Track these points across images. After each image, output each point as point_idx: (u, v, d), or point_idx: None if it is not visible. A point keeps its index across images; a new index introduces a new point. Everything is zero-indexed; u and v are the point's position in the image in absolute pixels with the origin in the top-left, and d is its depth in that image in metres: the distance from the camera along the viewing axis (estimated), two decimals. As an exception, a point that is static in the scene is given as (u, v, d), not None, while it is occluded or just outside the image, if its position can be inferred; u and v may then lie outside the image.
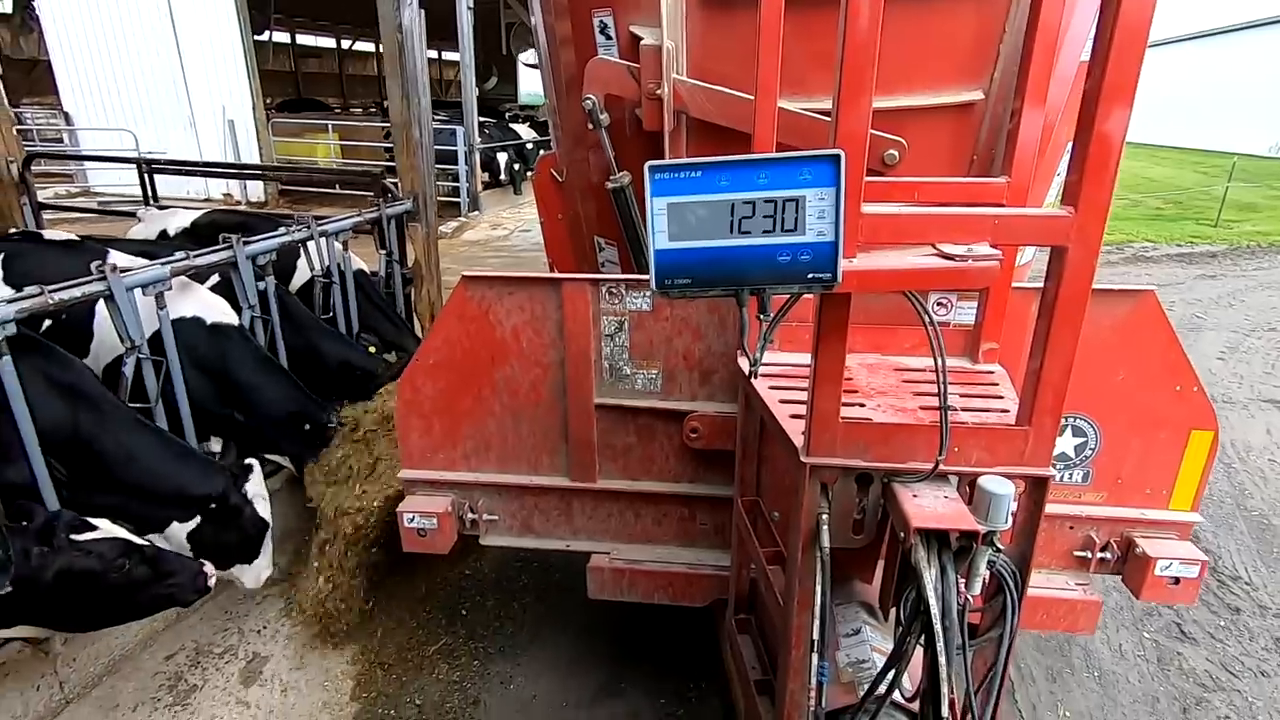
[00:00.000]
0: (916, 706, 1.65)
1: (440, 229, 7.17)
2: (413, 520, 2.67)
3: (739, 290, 1.38)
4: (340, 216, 4.79)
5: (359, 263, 4.99)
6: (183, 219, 5.66)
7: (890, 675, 1.58)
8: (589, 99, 2.81)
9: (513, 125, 18.16)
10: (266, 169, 13.31)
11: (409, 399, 2.66)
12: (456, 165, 13.23)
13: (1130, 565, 2.33)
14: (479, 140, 13.99)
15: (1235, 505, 4.68)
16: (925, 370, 2.23)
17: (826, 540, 1.69)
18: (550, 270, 4.19)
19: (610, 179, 2.94)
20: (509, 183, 15.95)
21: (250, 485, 3.11)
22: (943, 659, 1.46)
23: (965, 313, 2.43)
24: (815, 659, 1.71)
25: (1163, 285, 9.63)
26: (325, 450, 3.69)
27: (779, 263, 1.33)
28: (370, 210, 5.05)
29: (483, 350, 2.56)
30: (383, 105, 23.41)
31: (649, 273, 1.38)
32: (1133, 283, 2.37)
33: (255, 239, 3.99)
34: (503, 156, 15.77)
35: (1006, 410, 1.91)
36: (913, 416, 1.87)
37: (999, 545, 1.54)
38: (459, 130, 13.04)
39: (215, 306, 3.76)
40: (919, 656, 1.56)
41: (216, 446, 3.82)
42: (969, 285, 1.62)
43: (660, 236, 1.35)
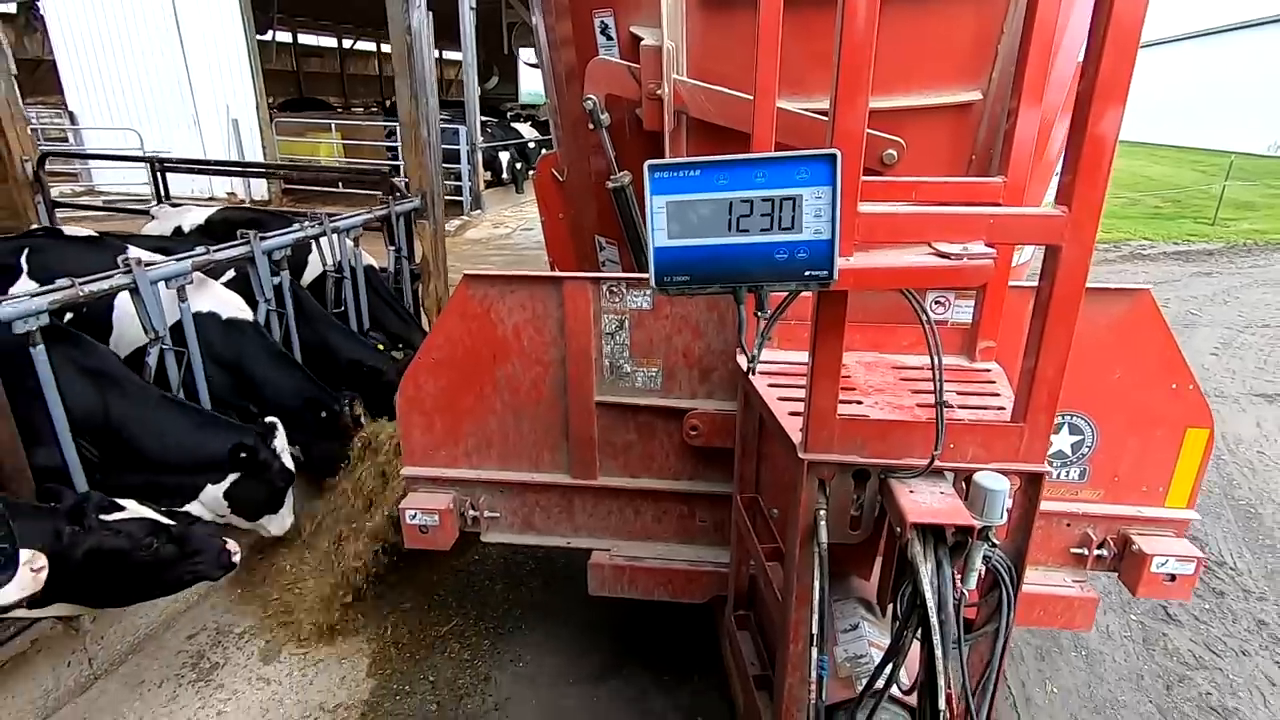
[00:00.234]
0: (914, 700, 1.67)
1: (443, 227, 7.22)
2: (414, 517, 2.69)
3: (737, 287, 1.40)
4: (351, 213, 4.91)
5: (368, 259, 5.09)
6: (196, 216, 5.80)
7: (888, 669, 1.59)
8: (590, 99, 2.83)
9: (514, 124, 18.19)
10: (278, 167, 13.39)
11: (411, 396, 2.68)
12: (459, 164, 13.26)
13: (1126, 562, 2.34)
14: (481, 139, 14.02)
15: (1223, 495, 4.77)
16: (922, 368, 2.25)
17: (824, 535, 1.71)
18: (551, 269, 4.22)
19: (610, 179, 2.96)
20: (511, 181, 15.99)
21: (276, 440, 3.35)
22: (939, 652, 1.48)
23: (963, 311, 2.44)
24: (815, 653, 1.73)
25: (1159, 283, 9.67)
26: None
27: (776, 260, 1.35)
28: (380, 207, 5.18)
29: (484, 348, 2.58)
30: (384, 104, 23.47)
31: (649, 270, 1.40)
32: (1129, 280, 2.39)
33: (271, 234, 4.12)
34: (505, 155, 15.81)
35: (1003, 408, 1.92)
36: (909, 413, 1.89)
37: (994, 540, 1.56)
38: (461, 129, 13.07)
39: (230, 302, 3.89)
40: (916, 652, 1.58)
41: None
42: (964, 283, 1.64)
43: (660, 234, 1.37)
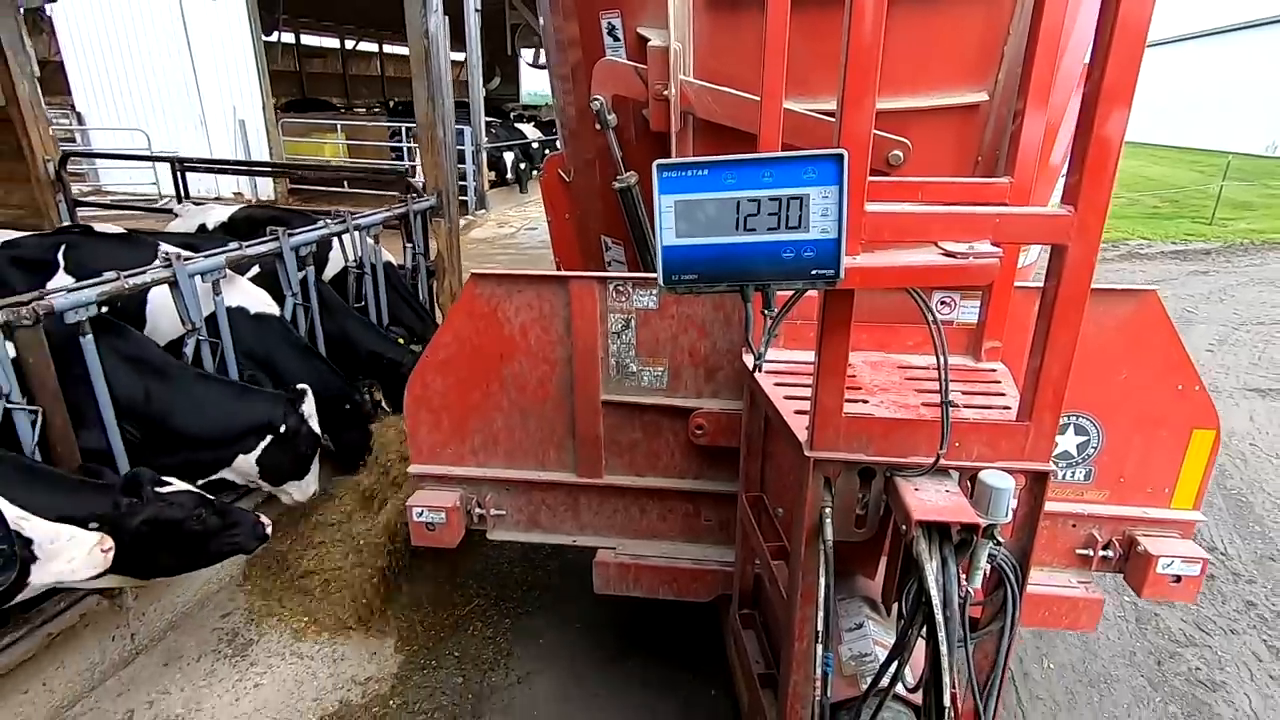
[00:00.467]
0: (919, 699, 1.68)
1: (449, 226, 7.32)
2: (421, 514, 2.70)
3: (744, 286, 1.41)
4: (372, 212, 5.10)
5: (386, 255, 5.24)
6: (219, 214, 5.96)
7: (893, 668, 1.59)
8: (597, 100, 2.83)
9: (518, 125, 18.23)
10: (296, 168, 13.50)
11: (418, 394, 2.70)
12: (464, 164, 13.29)
13: (1132, 563, 2.34)
14: (486, 140, 14.06)
15: (1215, 484, 4.91)
16: (928, 368, 2.25)
17: (830, 533, 1.72)
18: (557, 268, 4.23)
19: (617, 179, 2.97)
20: (515, 181, 16.03)
21: (305, 406, 3.50)
22: (944, 649, 1.48)
23: (969, 311, 2.45)
24: (820, 651, 1.74)
25: (1156, 281, 9.73)
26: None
27: (783, 259, 1.36)
28: (399, 205, 5.40)
29: (491, 347, 2.60)
30: (386, 105, 23.54)
31: (657, 269, 1.41)
32: (1128, 279, 2.39)
33: (298, 231, 4.28)
34: (509, 155, 15.87)
35: (1008, 407, 1.93)
36: (915, 412, 1.89)
37: (999, 539, 1.56)
38: (466, 130, 13.09)
39: (258, 298, 4.03)
40: (921, 651, 1.58)
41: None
42: (969, 282, 1.64)
43: (668, 233, 1.38)
